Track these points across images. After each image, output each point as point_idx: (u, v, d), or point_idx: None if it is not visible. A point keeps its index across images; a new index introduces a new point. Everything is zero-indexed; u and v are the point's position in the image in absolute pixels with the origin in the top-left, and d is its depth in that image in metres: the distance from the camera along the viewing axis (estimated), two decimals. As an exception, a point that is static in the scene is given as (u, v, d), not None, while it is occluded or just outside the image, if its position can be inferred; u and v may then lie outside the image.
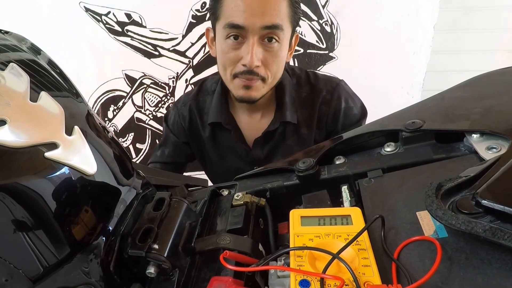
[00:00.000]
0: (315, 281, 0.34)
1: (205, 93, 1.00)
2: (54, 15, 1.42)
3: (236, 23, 0.75)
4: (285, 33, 0.79)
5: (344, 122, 0.93)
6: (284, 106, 0.90)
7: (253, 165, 0.96)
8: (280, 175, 0.56)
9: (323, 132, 0.95)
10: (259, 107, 0.93)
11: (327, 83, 0.94)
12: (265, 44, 0.78)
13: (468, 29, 1.70)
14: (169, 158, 1.03)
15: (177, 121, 1.01)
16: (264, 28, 0.75)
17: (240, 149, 0.96)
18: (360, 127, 0.64)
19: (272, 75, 0.82)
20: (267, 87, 0.84)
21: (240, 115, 0.96)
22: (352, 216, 0.41)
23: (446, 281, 0.31)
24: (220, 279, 0.38)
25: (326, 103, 0.93)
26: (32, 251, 0.32)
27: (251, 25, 0.74)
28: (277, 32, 0.77)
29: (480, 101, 0.54)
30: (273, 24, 0.75)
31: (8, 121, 0.32)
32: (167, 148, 1.04)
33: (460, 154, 0.46)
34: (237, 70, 0.80)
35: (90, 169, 0.38)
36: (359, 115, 0.95)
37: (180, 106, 1.02)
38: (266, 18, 0.74)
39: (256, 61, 0.77)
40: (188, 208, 0.46)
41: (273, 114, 0.93)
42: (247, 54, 0.77)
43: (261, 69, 0.79)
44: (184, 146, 1.04)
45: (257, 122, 0.95)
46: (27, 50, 0.43)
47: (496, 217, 0.31)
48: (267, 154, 0.95)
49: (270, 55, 0.79)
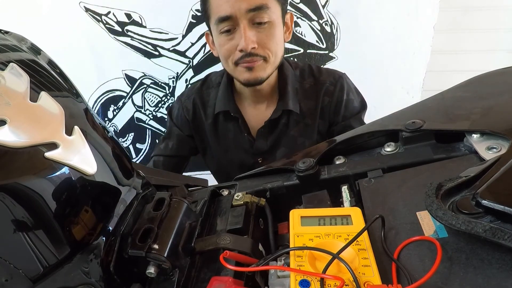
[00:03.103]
0: (315, 281, 0.34)
1: (210, 86, 1.02)
2: (54, 15, 1.42)
3: (223, 14, 0.78)
4: (273, 11, 0.80)
5: (345, 113, 0.95)
6: (286, 95, 0.93)
7: (257, 157, 0.98)
8: (280, 175, 0.56)
9: (326, 123, 0.97)
10: (264, 97, 0.95)
11: (330, 75, 0.97)
12: (257, 26, 0.80)
13: (468, 29, 1.70)
14: (173, 151, 1.04)
15: (181, 114, 1.03)
16: (250, 11, 0.77)
17: (244, 141, 0.98)
18: (360, 127, 0.64)
19: (273, 54, 0.84)
20: (271, 66, 0.86)
21: (246, 106, 0.98)
22: (352, 216, 0.41)
23: (446, 281, 0.31)
24: (220, 279, 0.38)
25: (329, 94, 0.95)
26: (32, 251, 0.32)
27: (237, 11, 0.77)
28: (264, 12, 0.79)
29: (480, 101, 0.54)
30: (257, 6, 0.77)
31: (8, 121, 0.32)
32: (171, 141, 1.04)
33: (460, 154, 0.46)
34: (236, 57, 0.83)
35: (90, 169, 0.38)
36: (359, 107, 0.97)
37: (184, 99, 1.03)
38: (249, 1, 0.77)
39: (251, 43, 0.79)
40: (188, 208, 0.46)
41: (276, 104, 0.95)
42: (241, 38, 0.79)
43: (259, 49, 0.81)
44: (188, 139, 1.04)
45: (262, 112, 0.97)
46: (27, 50, 0.43)
47: (496, 217, 0.31)
48: (271, 145, 0.97)
49: (265, 35, 0.81)
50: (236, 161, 1.00)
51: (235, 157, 1.00)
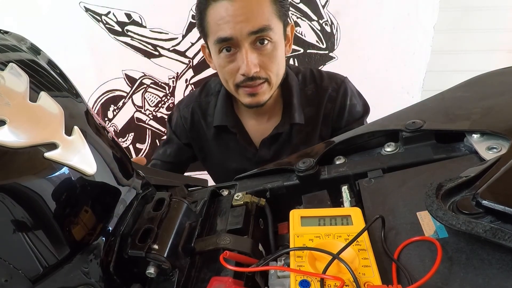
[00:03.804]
0: (315, 282, 0.33)
1: (209, 93, 1.00)
2: (54, 15, 1.42)
3: (224, 36, 0.75)
4: (275, 31, 0.77)
5: (348, 118, 0.94)
6: (292, 107, 0.91)
7: (259, 166, 0.96)
8: (280, 175, 0.56)
9: (329, 129, 0.95)
10: (266, 109, 0.93)
11: (332, 81, 0.95)
12: (258, 47, 0.77)
13: (468, 29, 1.70)
14: (170, 157, 1.04)
15: (179, 122, 1.02)
16: (252, 34, 0.74)
17: (246, 151, 0.96)
18: (360, 127, 0.64)
19: (274, 74, 0.82)
20: (273, 87, 0.84)
21: (247, 118, 0.96)
22: (352, 216, 0.41)
23: (447, 281, 0.31)
24: (220, 279, 0.38)
25: (332, 100, 0.93)
26: (32, 251, 0.32)
27: (238, 34, 0.74)
28: (267, 33, 0.76)
29: (480, 101, 0.54)
30: (260, 28, 0.74)
31: (8, 121, 0.32)
32: (169, 148, 1.05)
33: (461, 154, 0.46)
34: (237, 81, 0.81)
35: (90, 169, 0.38)
36: (361, 112, 0.96)
37: (182, 107, 1.02)
38: (251, 23, 0.73)
39: (253, 67, 0.77)
40: (188, 208, 0.46)
41: (279, 114, 0.93)
42: (242, 63, 0.77)
43: (261, 72, 0.79)
44: (186, 148, 1.04)
45: (264, 124, 0.95)
46: (27, 50, 0.43)
47: (497, 218, 0.31)
48: (273, 154, 0.95)
49: (267, 57, 0.79)
50: (239, 169, 0.98)
51: (237, 165, 0.99)
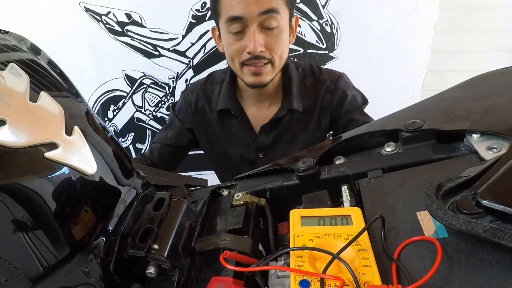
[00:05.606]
0: (315, 281, 0.33)
1: (214, 82, 1.06)
2: (54, 15, 1.42)
3: (235, 15, 0.81)
4: (282, 16, 0.84)
5: (348, 108, 0.99)
6: (291, 94, 0.97)
7: (258, 152, 1.03)
8: (280, 175, 0.56)
9: (328, 119, 1.01)
10: (267, 96, 0.99)
11: (331, 74, 1.02)
12: (266, 30, 0.83)
13: (468, 29, 1.70)
14: (171, 140, 1.07)
15: (183, 107, 1.07)
16: (261, 14, 0.80)
17: (246, 136, 1.01)
18: (360, 127, 0.64)
19: (278, 57, 0.88)
20: (276, 69, 0.90)
21: (248, 104, 1.02)
22: (352, 216, 0.41)
23: (446, 281, 0.31)
24: (220, 279, 0.38)
25: (330, 92, 0.99)
26: (32, 251, 0.32)
27: (249, 13, 0.80)
28: (274, 15, 0.82)
29: (480, 101, 0.54)
30: (269, 9, 0.80)
31: (8, 121, 0.32)
32: (171, 131, 1.08)
33: (461, 154, 0.46)
34: (243, 58, 0.86)
35: (90, 169, 0.38)
36: (360, 101, 1.01)
37: (188, 93, 1.08)
38: (262, 4, 0.80)
39: (259, 46, 0.82)
40: (188, 208, 0.46)
41: (279, 102, 0.99)
42: (250, 41, 0.82)
43: (266, 52, 0.85)
44: (187, 132, 1.08)
45: (264, 110, 1.01)
46: (27, 50, 0.43)
47: (497, 218, 0.31)
48: (272, 141, 1.01)
49: (272, 39, 0.84)
50: (238, 155, 1.04)
51: (237, 151, 1.04)
